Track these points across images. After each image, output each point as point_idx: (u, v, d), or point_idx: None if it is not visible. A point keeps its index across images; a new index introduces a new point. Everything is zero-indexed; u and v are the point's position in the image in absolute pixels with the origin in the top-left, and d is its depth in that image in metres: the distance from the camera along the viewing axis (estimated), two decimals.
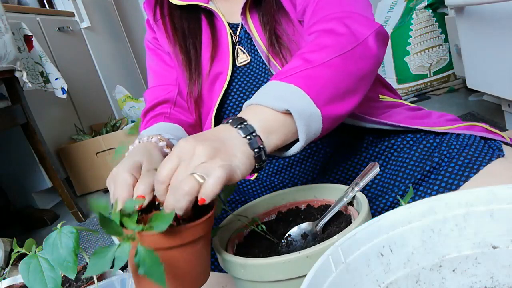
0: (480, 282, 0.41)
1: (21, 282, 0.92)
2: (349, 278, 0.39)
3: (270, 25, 0.74)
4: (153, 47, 0.88)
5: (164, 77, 0.87)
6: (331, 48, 0.58)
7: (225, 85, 0.78)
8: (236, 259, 0.52)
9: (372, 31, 0.62)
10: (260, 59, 0.79)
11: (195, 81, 0.79)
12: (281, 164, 0.83)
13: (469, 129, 0.71)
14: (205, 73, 0.79)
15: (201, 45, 0.80)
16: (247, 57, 0.79)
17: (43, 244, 0.55)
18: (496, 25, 1.26)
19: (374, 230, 0.42)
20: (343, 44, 0.58)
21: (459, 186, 0.63)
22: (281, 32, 0.74)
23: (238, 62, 0.79)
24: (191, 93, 0.80)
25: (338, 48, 0.58)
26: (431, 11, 2.20)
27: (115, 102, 2.94)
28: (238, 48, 0.79)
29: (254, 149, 0.49)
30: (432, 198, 0.43)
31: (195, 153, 0.47)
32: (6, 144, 2.06)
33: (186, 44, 0.80)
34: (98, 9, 3.33)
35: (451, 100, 2.11)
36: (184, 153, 0.48)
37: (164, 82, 0.86)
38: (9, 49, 1.58)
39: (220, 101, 0.79)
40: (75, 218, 1.88)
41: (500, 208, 0.40)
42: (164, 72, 0.87)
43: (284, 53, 0.73)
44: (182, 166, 0.47)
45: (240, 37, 0.80)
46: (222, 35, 0.79)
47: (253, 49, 0.79)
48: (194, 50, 0.80)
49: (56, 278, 0.55)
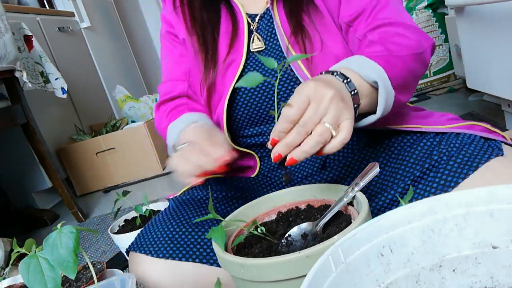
0: (480, 282, 0.41)
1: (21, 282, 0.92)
2: (349, 278, 0.39)
3: (297, 13, 0.77)
4: (166, 41, 0.91)
5: (174, 72, 0.90)
6: (405, 47, 0.67)
7: (239, 71, 0.79)
8: (236, 259, 0.52)
9: (430, 44, 0.73)
10: (276, 46, 0.80)
11: (210, 69, 0.81)
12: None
13: (470, 128, 0.72)
14: (221, 61, 0.80)
15: (219, 34, 0.82)
16: (262, 44, 0.81)
17: (43, 244, 0.55)
18: (496, 25, 1.26)
19: (374, 230, 0.42)
20: (414, 48, 0.68)
21: (458, 183, 0.64)
22: (307, 22, 0.77)
23: (252, 48, 0.81)
24: (206, 80, 0.82)
25: (410, 49, 0.68)
26: (431, 11, 2.20)
27: (115, 102, 2.94)
28: (254, 35, 0.81)
29: (353, 106, 0.55)
30: (432, 198, 0.43)
31: (324, 98, 0.50)
32: (6, 144, 2.06)
33: (204, 34, 0.82)
34: (98, 9, 3.33)
35: (451, 100, 2.11)
36: (314, 95, 0.50)
37: (174, 78, 0.90)
38: (9, 49, 1.58)
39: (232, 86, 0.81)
40: (75, 218, 1.88)
41: (500, 208, 0.40)
42: (174, 67, 0.90)
43: (306, 42, 0.75)
44: (312, 109, 0.50)
45: (259, 25, 0.81)
46: (239, 25, 0.81)
47: (272, 37, 0.80)
48: (212, 39, 0.82)
49: (56, 278, 0.55)
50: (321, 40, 0.76)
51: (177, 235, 0.74)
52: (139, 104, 2.65)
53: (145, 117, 2.62)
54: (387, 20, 0.73)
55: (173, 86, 0.89)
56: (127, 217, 1.25)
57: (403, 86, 0.66)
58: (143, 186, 2.24)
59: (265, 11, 0.81)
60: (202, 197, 0.84)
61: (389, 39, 0.69)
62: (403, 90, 0.66)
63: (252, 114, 0.81)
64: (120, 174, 2.38)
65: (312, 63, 0.76)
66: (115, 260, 1.30)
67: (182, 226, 0.76)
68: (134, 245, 0.77)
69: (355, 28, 0.76)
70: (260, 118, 0.82)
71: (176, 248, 0.72)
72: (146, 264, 0.73)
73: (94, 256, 1.44)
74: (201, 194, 0.85)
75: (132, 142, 2.35)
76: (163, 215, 0.80)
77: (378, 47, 0.67)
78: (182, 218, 0.78)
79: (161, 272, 0.72)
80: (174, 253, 0.72)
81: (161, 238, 0.74)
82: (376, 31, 0.72)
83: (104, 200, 2.18)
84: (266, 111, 0.81)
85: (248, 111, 0.81)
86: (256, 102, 0.80)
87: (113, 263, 1.28)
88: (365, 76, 0.59)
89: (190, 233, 0.74)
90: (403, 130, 0.75)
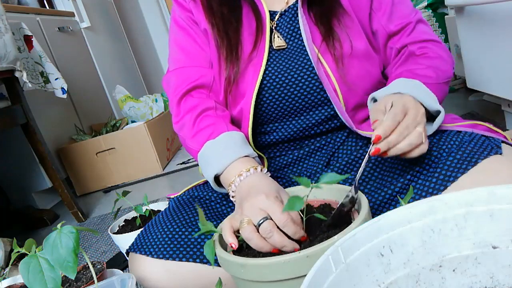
0: (480, 282, 0.41)
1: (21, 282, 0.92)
2: (349, 278, 0.39)
3: (329, 18, 0.78)
4: (186, 25, 0.85)
5: (197, 58, 0.83)
6: (444, 73, 0.78)
7: (262, 68, 0.78)
8: (236, 259, 0.52)
9: (454, 64, 0.84)
10: (299, 46, 0.80)
11: (234, 63, 0.79)
12: (290, 159, 0.86)
13: (473, 127, 0.73)
14: (245, 57, 0.79)
15: (242, 29, 0.80)
16: (283, 42, 0.80)
17: (43, 244, 0.55)
18: (496, 25, 1.26)
19: (374, 230, 0.42)
20: (450, 73, 0.81)
21: (457, 177, 0.64)
22: (337, 25, 0.78)
23: (274, 46, 0.80)
24: (228, 75, 0.79)
25: (448, 75, 0.80)
26: (431, 11, 2.20)
27: (115, 102, 2.94)
28: (275, 33, 0.81)
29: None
30: (432, 198, 0.43)
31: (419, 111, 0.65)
32: (6, 144, 2.06)
33: (225, 27, 0.80)
34: (98, 9, 3.33)
35: (451, 100, 2.11)
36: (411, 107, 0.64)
37: (198, 64, 0.83)
38: (9, 49, 1.58)
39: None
40: (75, 218, 1.88)
41: (500, 208, 0.40)
42: (196, 52, 0.84)
43: (336, 46, 0.77)
44: (411, 117, 0.63)
45: (278, 23, 0.81)
46: (263, 22, 0.80)
47: (294, 36, 0.80)
48: (234, 34, 0.80)
49: (56, 278, 0.55)
50: (351, 42, 0.77)
51: (177, 235, 0.74)
52: (139, 104, 2.65)
53: (145, 117, 2.62)
54: (427, 37, 0.82)
55: (196, 72, 0.82)
56: (127, 217, 1.25)
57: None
58: (143, 186, 2.24)
59: (287, 9, 0.81)
60: (202, 197, 0.84)
61: (435, 63, 0.78)
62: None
63: (275, 111, 0.81)
64: (120, 174, 2.38)
65: (342, 65, 0.76)
66: (115, 260, 1.30)
67: (182, 226, 0.76)
68: (134, 246, 0.77)
69: (396, 40, 0.82)
70: (279, 114, 0.82)
71: (176, 248, 0.72)
72: (146, 264, 0.73)
73: (94, 256, 1.44)
74: (201, 194, 0.85)
75: (132, 142, 2.35)
76: (163, 216, 0.80)
77: (430, 72, 0.76)
78: (182, 218, 0.78)
79: (161, 272, 0.72)
80: (174, 254, 0.72)
81: (161, 239, 0.74)
82: (418, 45, 0.81)
83: (104, 200, 2.18)
84: (289, 107, 0.81)
85: (272, 108, 0.81)
86: (280, 98, 0.80)
87: (113, 263, 1.28)
88: (430, 107, 0.68)
89: (190, 233, 0.74)
90: None
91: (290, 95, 0.80)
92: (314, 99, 0.80)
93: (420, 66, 0.77)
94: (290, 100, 0.80)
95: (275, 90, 0.80)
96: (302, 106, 0.80)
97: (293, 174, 0.86)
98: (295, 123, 0.82)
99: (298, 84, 0.79)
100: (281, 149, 0.86)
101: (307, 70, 0.78)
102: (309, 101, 0.80)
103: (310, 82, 0.78)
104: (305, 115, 0.81)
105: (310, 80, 0.78)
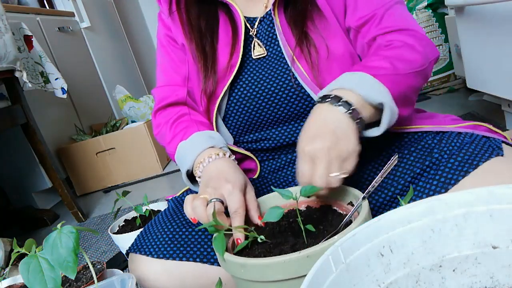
0: (480, 282, 0.41)
1: (21, 282, 0.92)
2: (349, 278, 0.39)
3: (302, 22, 0.76)
4: (165, 43, 0.88)
5: (173, 77, 0.87)
6: (410, 63, 0.69)
7: (232, 75, 0.78)
8: (236, 259, 0.52)
9: (435, 57, 0.74)
10: (278, 52, 0.78)
11: (211, 78, 0.79)
12: (283, 161, 0.84)
13: (473, 129, 0.72)
14: (221, 69, 0.79)
15: (218, 41, 0.80)
16: (263, 50, 0.80)
17: (43, 244, 0.55)
18: (496, 25, 1.26)
19: (374, 230, 0.42)
20: (420, 63, 0.70)
21: (458, 180, 0.64)
22: (311, 29, 0.76)
23: (254, 55, 0.80)
24: (206, 89, 0.80)
25: (415, 65, 0.69)
26: (431, 11, 2.20)
27: (115, 102, 2.94)
28: (255, 41, 0.80)
29: (356, 121, 0.60)
30: (432, 198, 0.43)
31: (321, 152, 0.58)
32: (6, 144, 2.06)
33: (203, 42, 0.80)
34: (98, 9, 3.33)
35: (451, 100, 2.11)
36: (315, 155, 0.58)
37: (172, 83, 0.87)
38: (9, 49, 1.58)
39: (228, 91, 0.80)
40: (75, 218, 1.88)
41: (500, 208, 0.40)
42: (173, 71, 0.87)
43: (311, 51, 0.75)
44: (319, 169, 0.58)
45: (258, 30, 0.80)
46: (238, 31, 0.79)
47: (273, 42, 0.79)
48: (210, 47, 0.80)
49: (56, 278, 0.55)
50: (327, 46, 0.75)
51: (177, 235, 0.74)
52: (139, 104, 2.65)
53: (145, 117, 2.62)
54: (397, 26, 0.73)
55: (171, 91, 0.86)
56: (127, 217, 1.25)
57: (406, 101, 0.68)
58: (143, 186, 2.24)
59: (265, 15, 0.80)
60: None
61: (396, 53, 0.69)
62: (405, 105, 0.68)
63: (258, 120, 0.80)
64: (120, 174, 2.38)
65: (318, 71, 0.74)
66: (115, 260, 1.30)
67: (182, 226, 0.76)
68: (134, 246, 0.77)
69: (364, 34, 0.76)
70: (263, 122, 0.81)
71: (177, 248, 0.72)
72: (145, 264, 0.73)
73: (94, 256, 1.44)
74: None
75: (132, 142, 2.35)
76: (162, 216, 0.80)
77: (385, 63, 0.67)
78: (182, 218, 0.78)
79: (161, 272, 0.72)
80: (175, 253, 0.72)
81: (160, 239, 0.74)
82: (386, 36, 0.73)
83: (104, 200, 2.18)
84: (272, 115, 0.79)
85: (249, 117, 0.80)
86: (258, 105, 0.79)
87: (113, 263, 1.28)
88: (371, 100, 0.62)
89: (190, 233, 0.74)
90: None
91: (271, 103, 0.78)
92: (297, 106, 0.78)
93: (374, 58, 0.70)
94: (271, 109, 0.79)
95: (246, 99, 0.79)
96: (287, 111, 0.79)
97: (286, 176, 0.84)
98: (284, 130, 0.81)
99: (278, 93, 0.77)
100: (273, 153, 0.85)
101: (286, 78, 0.77)
102: (291, 108, 0.78)
103: (289, 90, 0.77)
104: (292, 123, 0.80)
105: (289, 89, 0.77)
